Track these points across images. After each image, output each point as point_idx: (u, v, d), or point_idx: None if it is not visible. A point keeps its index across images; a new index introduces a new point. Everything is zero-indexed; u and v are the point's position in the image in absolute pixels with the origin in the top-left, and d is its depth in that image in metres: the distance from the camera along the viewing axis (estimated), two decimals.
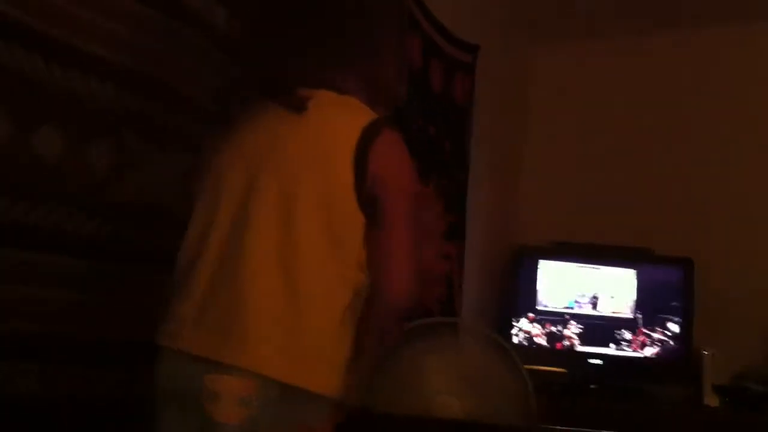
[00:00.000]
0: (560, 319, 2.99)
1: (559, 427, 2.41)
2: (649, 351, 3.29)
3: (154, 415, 1.34)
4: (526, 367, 2.66)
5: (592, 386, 3.27)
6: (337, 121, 1.38)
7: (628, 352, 3.06)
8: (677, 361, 3.34)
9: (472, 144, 3.34)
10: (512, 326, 2.94)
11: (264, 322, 1.29)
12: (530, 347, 3.33)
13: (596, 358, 3.34)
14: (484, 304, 3.41)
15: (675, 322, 3.34)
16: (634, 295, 2.89)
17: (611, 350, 2.87)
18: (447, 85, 3.15)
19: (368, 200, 1.35)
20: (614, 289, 2.91)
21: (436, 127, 3.06)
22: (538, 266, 3.09)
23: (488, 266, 3.53)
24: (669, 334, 2.91)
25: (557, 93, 3.96)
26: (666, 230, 3.55)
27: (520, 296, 2.94)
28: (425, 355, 2.56)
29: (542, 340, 2.84)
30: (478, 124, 3.38)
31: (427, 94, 3.01)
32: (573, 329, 2.96)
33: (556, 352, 3.36)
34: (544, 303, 2.94)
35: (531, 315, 2.93)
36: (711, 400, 3.13)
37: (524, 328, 2.89)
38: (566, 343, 2.86)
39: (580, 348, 2.90)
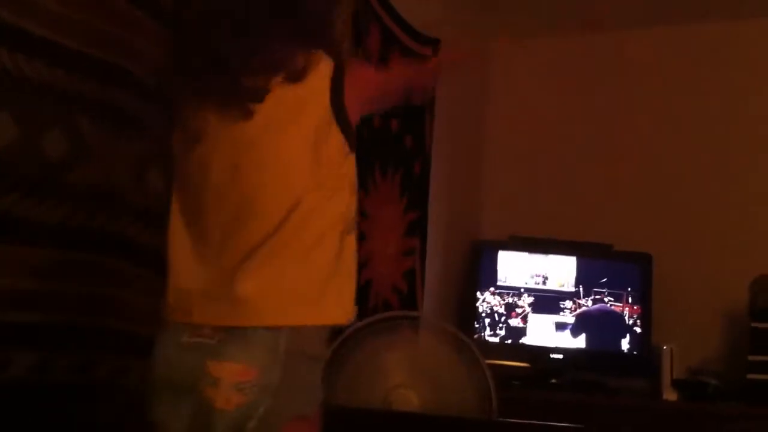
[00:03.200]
0: (516, 292, 3.47)
1: (518, 420, 2.41)
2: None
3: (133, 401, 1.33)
4: (489, 361, 2.67)
5: (553, 380, 3.30)
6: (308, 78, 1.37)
7: (579, 344, 3.45)
8: (637, 355, 3.37)
9: (434, 139, 3.34)
10: (477, 299, 3.46)
11: (273, 274, 1.29)
12: (493, 342, 3.37)
13: (558, 352, 3.37)
14: (447, 290, 3.53)
15: (633, 317, 3.39)
16: (574, 275, 3.46)
17: (557, 317, 3.45)
18: None
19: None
20: (559, 272, 3.49)
21: (398, 121, 3.05)
22: (498, 256, 3.53)
23: (449, 260, 3.55)
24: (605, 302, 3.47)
25: (518, 90, 3.98)
26: (626, 227, 3.58)
27: (483, 277, 3.49)
28: (384, 349, 2.56)
29: (501, 309, 3.45)
30: (439, 120, 3.37)
31: None
32: (526, 300, 3.46)
33: (518, 346, 3.39)
34: (503, 281, 3.48)
35: (492, 289, 3.47)
36: (669, 395, 3.16)
37: (487, 300, 3.46)
38: (520, 311, 3.47)
39: (532, 315, 3.46)
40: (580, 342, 3.41)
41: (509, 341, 3.42)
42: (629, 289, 3.43)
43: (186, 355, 1.28)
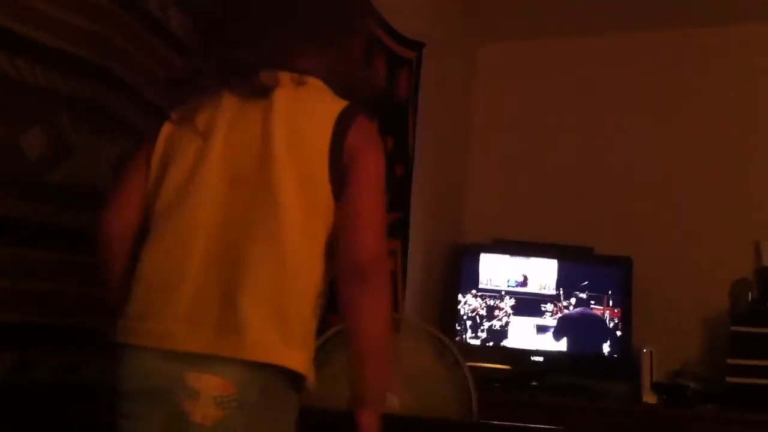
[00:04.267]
0: (498, 295, 3.49)
1: (498, 423, 2.42)
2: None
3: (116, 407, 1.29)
4: (470, 364, 2.68)
5: (533, 383, 3.31)
6: (311, 102, 1.36)
7: (561, 347, 3.47)
8: (617, 358, 3.39)
9: (416, 141, 3.34)
10: (458, 301, 3.48)
11: (262, 309, 1.25)
12: (475, 344, 3.37)
13: (538, 355, 3.38)
14: (428, 292, 3.54)
15: (614, 320, 3.41)
16: (555, 277, 3.49)
17: (538, 320, 3.47)
18: (390, 81, 3.14)
19: (340, 179, 1.32)
20: (540, 274, 3.52)
21: (379, 123, 3.05)
22: (480, 258, 3.54)
23: (431, 262, 3.55)
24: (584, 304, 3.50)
25: (501, 93, 3.99)
26: (607, 231, 3.60)
27: (465, 279, 3.51)
28: None
29: (483, 311, 3.46)
30: (422, 122, 3.38)
31: None
32: (507, 302, 3.47)
33: (499, 349, 3.40)
34: (484, 283, 3.50)
35: (474, 291, 3.48)
36: (649, 398, 3.17)
37: (468, 302, 3.47)
38: (501, 313, 3.48)
39: (513, 318, 3.48)
40: (561, 345, 3.42)
41: (490, 343, 3.43)
42: (610, 292, 3.45)
43: (163, 364, 1.24)
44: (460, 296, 3.47)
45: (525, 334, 3.44)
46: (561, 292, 3.47)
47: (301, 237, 1.29)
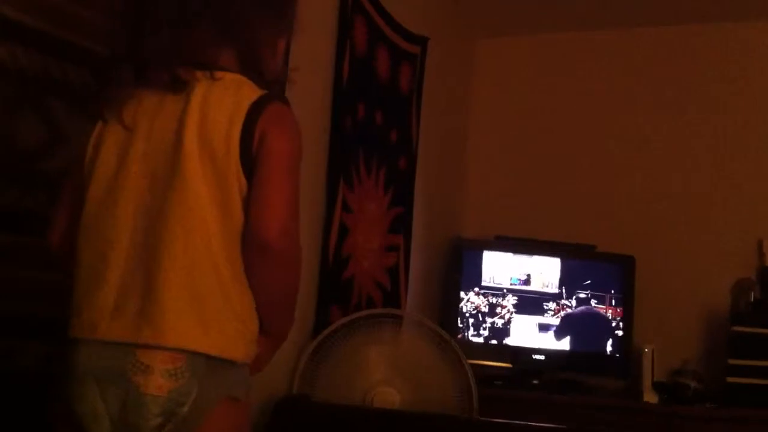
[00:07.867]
0: (500, 292, 3.46)
1: (499, 420, 2.42)
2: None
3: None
4: (471, 361, 2.68)
5: (534, 381, 3.30)
6: (224, 95, 1.39)
7: (563, 345, 3.45)
8: (618, 357, 3.38)
9: (419, 136, 3.33)
10: (461, 298, 3.44)
11: (179, 293, 1.31)
12: (477, 342, 3.37)
13: (540, 353, 3.37)
14: (430, 288, 3.53)
15: (615, 319, 3.40)
16: (558, 276, 3.47)
17: (540, 318, 3.45)
18: (393, 74, 3.13)
19: (252, 162, 1.37)
20: (543, 272, 3.49)
21: (383, 115, 3.04)
22: (483, 256, 3.51)
23: (433, 259, 3.54)
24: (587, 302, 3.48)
25: (503, 90, 3.98)
26: (609, 229, 3.59)
27: (467, 276, 3.47)
28: (367, 346, 2.56)
29: (485, 309, 3.43)
30: (424, 118, 3.36)
31: (373, 81, 2.99)
32: (510, 300, 3.44)
33: (501, 347, 3.39)
34: (487, 281, 3.47)
35: (476, 289, 3.45)
36: (650, 396, 3.17)
37: (471, 300, 3.44)
38: (503, 311, 3.44)
39: (515, 316, 3.45)
40: (563, 344, 3.41)
41: (492, 341, 3.41)
42: (612, 290, 3.44)
43: (112, 347, 1.30)
44: (462, 293, 3.44)
45: (527, 333, 3.42)
46: (563, 290, 3.46)
47: (210, 219, 1.34)
